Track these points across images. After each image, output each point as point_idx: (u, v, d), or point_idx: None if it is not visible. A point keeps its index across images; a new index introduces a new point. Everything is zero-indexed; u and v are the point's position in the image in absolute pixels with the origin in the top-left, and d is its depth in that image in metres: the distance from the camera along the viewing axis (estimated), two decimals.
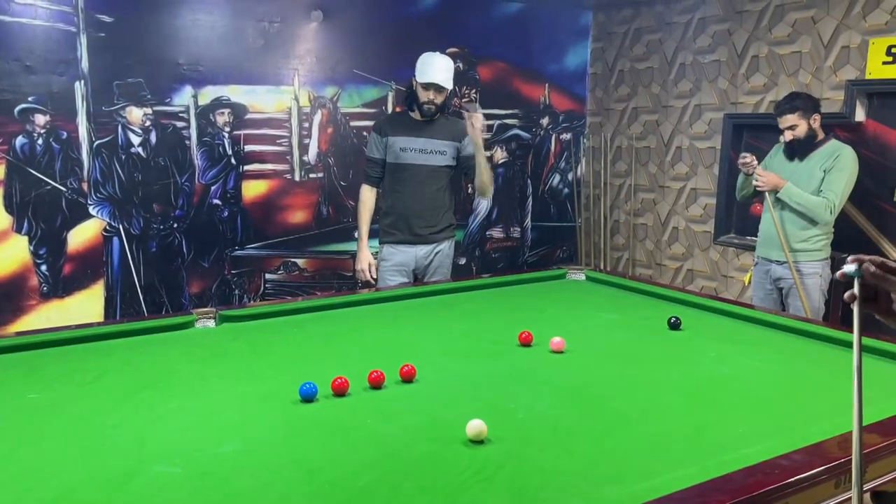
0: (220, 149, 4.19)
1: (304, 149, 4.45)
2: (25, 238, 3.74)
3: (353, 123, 4.60)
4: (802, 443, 1.64)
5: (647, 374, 2.16)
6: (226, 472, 1.54)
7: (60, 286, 3.84)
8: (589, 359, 2.32)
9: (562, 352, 2.37)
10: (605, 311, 2.92)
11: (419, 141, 3.51)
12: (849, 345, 2.39)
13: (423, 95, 3.45)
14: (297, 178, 4.45)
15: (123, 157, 3.92)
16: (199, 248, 4.19)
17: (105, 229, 3.93)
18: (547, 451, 1.66)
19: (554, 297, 3.17)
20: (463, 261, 5.06)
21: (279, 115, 4.34)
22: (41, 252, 3.78)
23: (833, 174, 3.44)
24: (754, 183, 3.61)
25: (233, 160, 4.23)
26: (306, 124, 4.44)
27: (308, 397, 1.96)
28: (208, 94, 4.11)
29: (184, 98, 4.04)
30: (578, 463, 1.60)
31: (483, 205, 5.23)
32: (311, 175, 4.49)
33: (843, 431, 1.69)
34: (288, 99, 4.35)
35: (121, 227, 3.97)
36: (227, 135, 4.19)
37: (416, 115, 3.53)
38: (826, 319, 3.58)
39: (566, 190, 5.56)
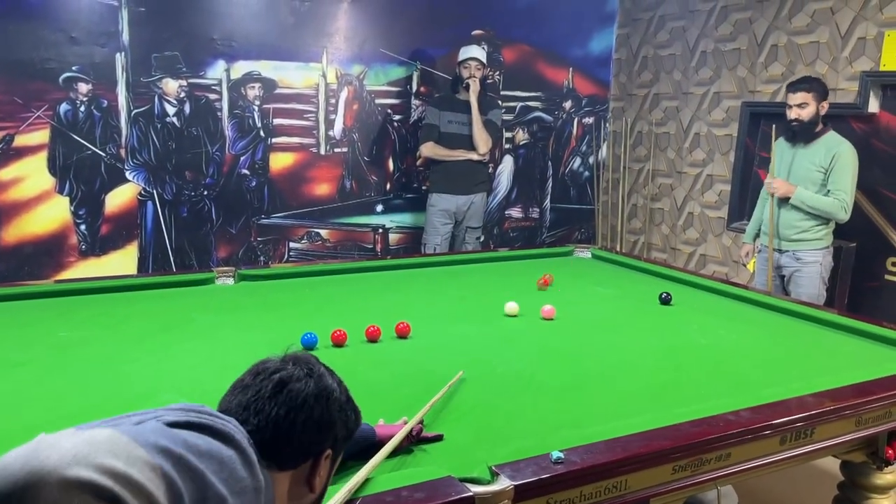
0: (250, 121, 4.39)
1: (329, 124, 4.63)
2: (66, 199, 3.99)
3: (379, 101, 4.77)
4: (754, 402, 1.77)
5: (627, 341, 2.31)
6: None
7: (98, 245, 4.10)
8: (576, 326, 2.47)
9: (551, 319, 2.53)
10: (604, 286, 3.06)
11: (461, 115, 4.48)
12: (833, 325, 2.50)
13: (465, 72, 4.45)
14: (322, 151, 4.64)
15: (159, 125, 4.15)
16: (227, 214, 4.41)
17: (140, 194, 4.18)
18: (516, 399, 1.82)
19: (557, 272, 3.31)
20: (481, 238, 5.21)
21: (307, 90, 4.53)
22: (81, 213, 4.04)
23: (838, 173, 3.49)
24: (768, 190, 3.70)
25: (261, 132, 4.43)
26: (333, 100, 4.62)
27: (309, 346, 2.15)
28: (240, 69, 4.31)
29: (217, 71, 4.25)
30: (542, 411, 1.76)
31: (503, 184, 5.37)
32: (336, 150, 4.68)
33: (797, 395, 1.83)
34: (316, 75, 4.53)
35: (155, 192, 4.20)
36: (256, 108, 4.39)
37: (461, 94, 4.50)
38: (831, 305, 3.66)
39: (586, 173, 5.66)
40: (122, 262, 4.16)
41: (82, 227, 4.05)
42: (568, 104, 5.49)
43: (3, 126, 3.79)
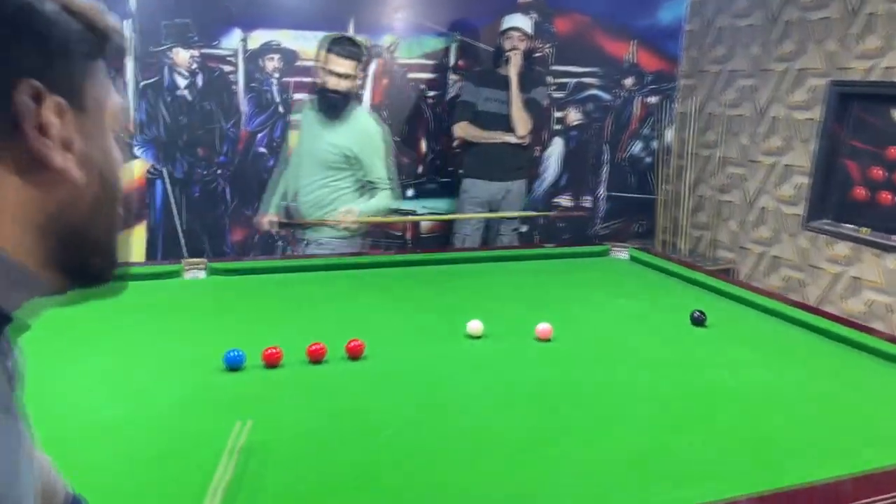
0: (268, 96, 4.07)
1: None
2: None
3: (411, 75, 4.36)
4: (775, 484, 1.29)
5: (626, 379, 1.84)
6: (92, 440, 1.40)
7: None
8: (570, 353, 2.01)
9: (548, 340, 2.08)
10: (631, 296, 2.57)
11: (501, 93, 4.02)
12: None
13: (507, 44, 4.01)
14: None
15: (169, 99, 3.88)
16: (242, 196, 4.13)
17: (149, 171, 3.93)
18: (457, 467, 1.40)
19: (582, 277, 2.85)
20: (524, 228, 4.74)
21: None
22: None
23: (372, 157, 3.12)
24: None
25: (280, 108, 4.11)
26: (361, 74, 4.23)
27: (234, 366, 1.79)
28: (258, 39, 3.98)
29: (232, 41, 3.94)
30: (487, 484, 1.33)
31: (551, 169, 4.87)
32: None
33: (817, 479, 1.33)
34: None
35: (164, 170, 3.95)
36: (275, 81, 4.07)
37: (502, 69, 4.03)
38: None
39: (648, 159, 5.08)
40: (133, 241, 3.94)
41: None
42: (629, 81, 4.92)
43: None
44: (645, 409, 1.66)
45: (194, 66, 3.89)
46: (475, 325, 2.09)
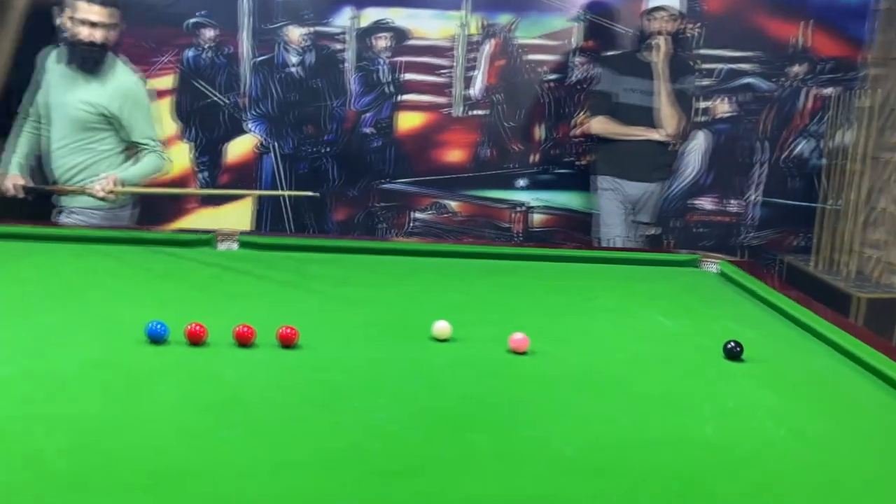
0: (377, 75, 4.00)
1: (467, 82, 4.05)
2: (189, 145, 4.00)
3: (530, 57, 4.06)
4: None
5: (593, 418, 1.47)
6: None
7: (216, 195, 4.07)
8: (556, 377, 1.66)
9: (522, 353, 1.76)
10: (678, 315, 2.13)
11: (646, 82, 3.56)
12: None
13: (653, 26, 3.53)
14: (456, 113, 4.09)
15: (280, 76, 3.96)
16: (347, 175, 4.11)
17: (258, 145, 4.05)
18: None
19: (640, 288, 2.43)
20: (655, 231, 4.25)
21: (443, 42, 3.99)
22: (202, 160, 4.03)
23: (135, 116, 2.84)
24: None
25: (388, 88, 4.02)
26: (473, 54, 4.02)
27: (155, 337, 1.70)
28: (369, 16, 3.93)
29: (343, 19, 3.92)
30: None
31: (692, 166, 4.31)
32: (473, 112, 4.09)
33: None
34: (455, 25, 3.97)
35: (273, 144, 4.05)
36: (385, 61, 3.99)
37: (644, 55, 3.58)
38: None
39: (815, 161, 4.32)
40: (238, 214, 4.09)
41: (202, 175, 4.04)
42: (798, 68, 4.20)
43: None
44: (585, 462, 1.29)
45: (306, 43, 3.92)
46: (442, 326, 1.82)
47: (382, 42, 3.96)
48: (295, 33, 3.91)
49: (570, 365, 1.73)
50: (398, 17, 3.94)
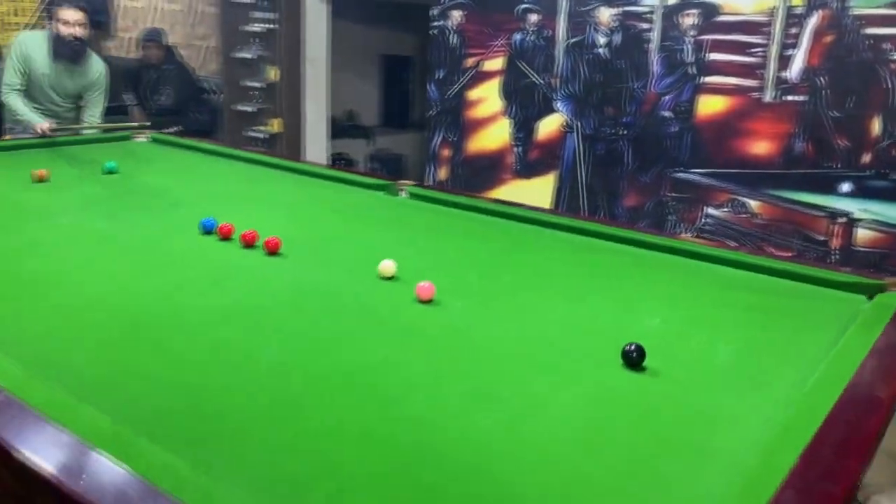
0: (680, 55, 3.71)
1: (783, 62, 3.43)
2: (509, 122, 4.41)
3: (869, 31, 3.21)
4: None
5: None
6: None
7: (527, 168, 4.39)
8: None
9: (429, 301, 1.75)
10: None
11: None
12: None
13: None
14: (767, 98, 3.51)
15: (588, 56, 4.02)
16: (641, 160, 3.95)
17: (564, 125, 4.20)
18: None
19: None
20: None
21: (758, 17, 3.46)
22: (518, 136, 4.39)
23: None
24: None
25: (691, 69, 3.70)
26: (794, 30, 3.38)
27: (207, 229, 2.25)
28: None
29: None
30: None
31: None
32: (789, 97, 3.45)
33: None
34: None
35: (577, 124, 4.15)
36: (690, 40, 3.67)
37: None
38: None
39: None
40: (542, 188, 4.34)
41: (518, 149, 4.41)
42: None
43: (475, 53, 4.46)
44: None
45: (614, 24, 3.90)
46: (387, 265, 1.92)
47: (689, 20, 3.67)
48: (605, 14, 3.93)
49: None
50: None
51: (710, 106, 3.72)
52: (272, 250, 2.08)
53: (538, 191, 4.33)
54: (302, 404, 1.28)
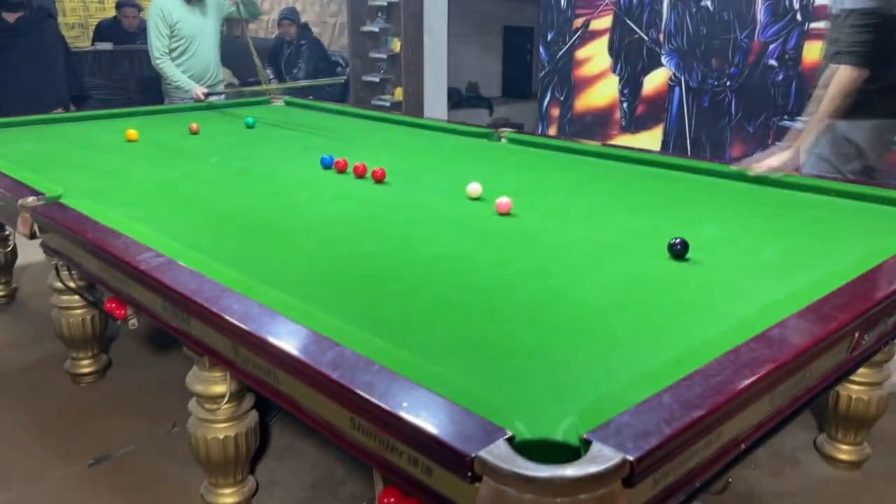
0: (787, 2, 3.71)
1: None
2: (616, 78, 4.54)
3: None
4: None
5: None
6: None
7: (633, 123, 4.51)
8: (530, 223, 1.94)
9: (508, 214, 2.03)
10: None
11: None
12: None
13: None
14: None
15: (694, 9, 4.07)
16: (746, 110, 3.97)
17: (670, 79, 4.28)
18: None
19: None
20: None
21: None
22: (625, 92, 4.51)
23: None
24: None
25: (798, 16, 3.68)
26: None
27: (326, 164, 2.62)
28: None
29: None
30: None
31: None
32: None
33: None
34: None
35: (683, 78, 4.22)
36: None
37: None
38: None
39: None
40: (649, 143, 4.44)
41: (624, 104, 4.53)
42: None
43: (583, 13, 4.60)
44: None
45: None
46: (474, 188, 2.20)
47: None
48: None
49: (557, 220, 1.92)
50: None
51: (817, 52, 3.68)
52: (379, 179, 2.42)
53: (645, 145, 4.43)
54: (388, 276, 1.59)
